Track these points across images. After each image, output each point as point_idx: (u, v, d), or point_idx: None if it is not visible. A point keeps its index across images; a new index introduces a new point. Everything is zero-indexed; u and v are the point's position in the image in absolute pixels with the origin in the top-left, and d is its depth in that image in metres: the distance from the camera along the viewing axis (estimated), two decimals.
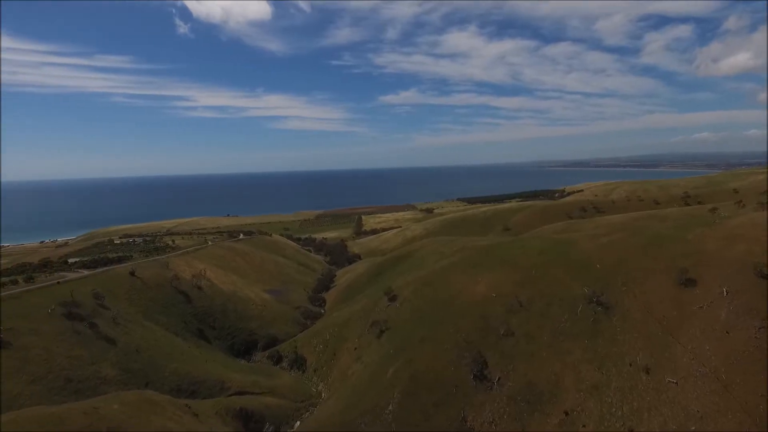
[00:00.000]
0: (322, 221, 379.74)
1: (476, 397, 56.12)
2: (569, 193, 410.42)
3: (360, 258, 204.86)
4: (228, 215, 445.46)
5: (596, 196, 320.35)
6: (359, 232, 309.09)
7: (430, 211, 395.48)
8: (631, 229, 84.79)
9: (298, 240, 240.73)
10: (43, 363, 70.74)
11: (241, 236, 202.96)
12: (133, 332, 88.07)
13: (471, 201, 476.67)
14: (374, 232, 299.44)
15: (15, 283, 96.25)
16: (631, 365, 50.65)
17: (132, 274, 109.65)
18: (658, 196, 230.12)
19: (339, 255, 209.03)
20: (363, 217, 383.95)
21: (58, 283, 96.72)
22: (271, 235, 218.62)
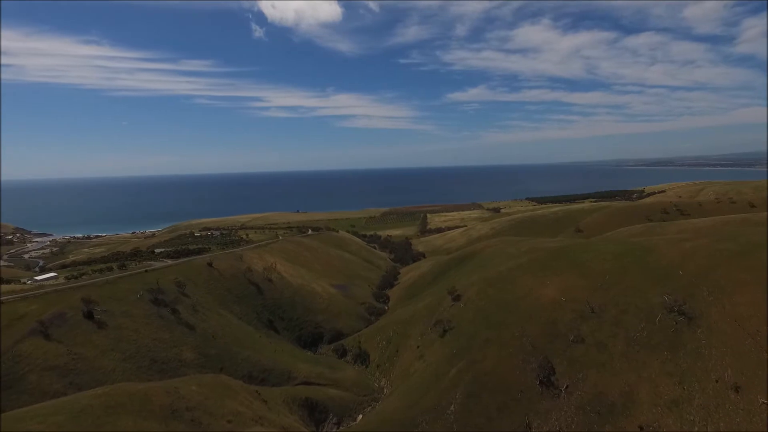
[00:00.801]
0: (388, 219, 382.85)
1: (542, 404, 54.27)
2: (649, 194, 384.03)
3: (424, 256, 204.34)
4: (298, 211, 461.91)
5: (680, 197, 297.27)
6: (424, 231, 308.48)
7: (497, 210, 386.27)
8: (720, 234, 77.85)
9: (363, 237, 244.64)
10: (133, 343, 77.57)
11: (310, 232, 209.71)
12: (210, 319, 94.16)
13: (541, 201, 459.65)
14: (439, 230, 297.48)
15: (110, 269, 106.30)
16: (717, 382, 46.61)
17: (210, 265, 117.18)
18: (753, 199, 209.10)
19: (403, 253, 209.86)
20: (428, 215, 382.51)
21: (146, 271, 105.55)
22: (337, 231, 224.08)
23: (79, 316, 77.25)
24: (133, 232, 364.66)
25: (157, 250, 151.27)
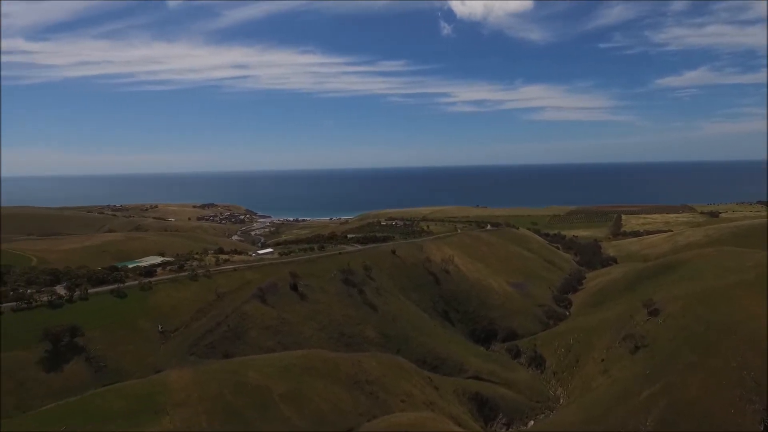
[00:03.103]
0: (574, 218, 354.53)
1: None
2: None
3: (615, 261, 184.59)
4: (477, 206, 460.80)
5: None
6: (617, 233, 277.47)
7: (714, 214, 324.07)
8: None
9: (545, 236, 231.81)
10: (327, 316, 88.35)
11: (488, 227, 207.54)
12: (391, 303, 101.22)
13: None
14: (636, 234, 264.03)
15: (312, 249, 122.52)
16: None
17: (393, 252, 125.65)
18: None
19: (591, 256, 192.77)
20: (623, 216, 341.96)
21: (340, 253, 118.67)
22: (518, 228, 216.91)
23: (287, 287, 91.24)
24: (330, 218, 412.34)
25: (349, 236, 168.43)
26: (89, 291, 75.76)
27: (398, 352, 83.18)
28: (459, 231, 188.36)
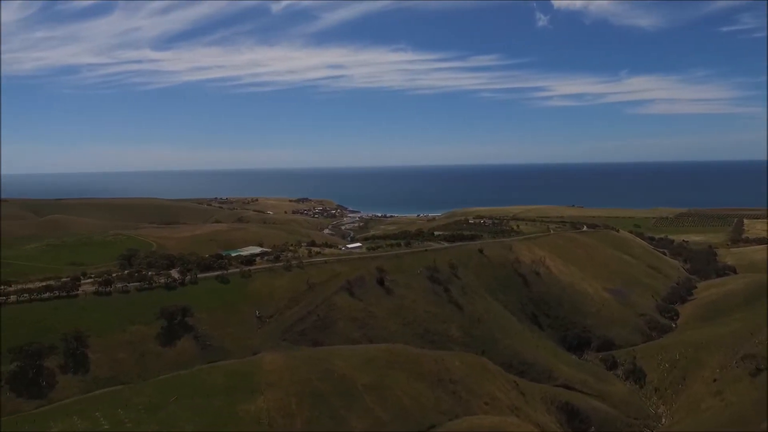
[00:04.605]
0: (684, 221, 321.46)
1: None
2: None
3: (734, 271, 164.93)
4: (573, 206, 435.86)
5: None
6: (737, 239, 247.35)
7: None
8: None
9: (650, 240, 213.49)
10: (411, 312, 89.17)
11: (585, 228, 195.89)
12: (476, 303, 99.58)
13: None
14: (761, 241, 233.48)
15: (399, 245, 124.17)
16: None
17: (480, 251, 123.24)
18: None
19: (703, 263, 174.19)
20: (745, 220, 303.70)
21: (426, 250, 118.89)
22: (618, 230, 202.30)
23: (373, 281, 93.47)
24: (418, 215, 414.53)
25: (436, 233, 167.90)
26: (198, 276, 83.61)
27: (483, 353, 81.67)
28: (552, 232, 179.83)
